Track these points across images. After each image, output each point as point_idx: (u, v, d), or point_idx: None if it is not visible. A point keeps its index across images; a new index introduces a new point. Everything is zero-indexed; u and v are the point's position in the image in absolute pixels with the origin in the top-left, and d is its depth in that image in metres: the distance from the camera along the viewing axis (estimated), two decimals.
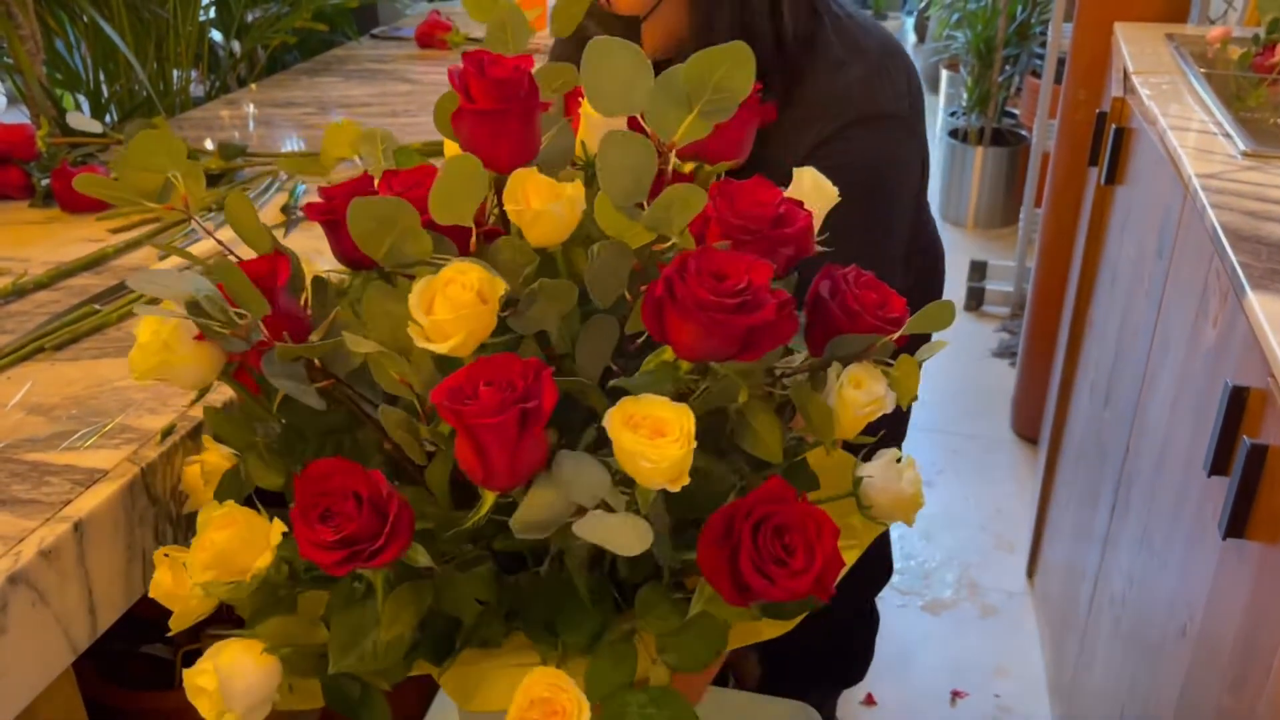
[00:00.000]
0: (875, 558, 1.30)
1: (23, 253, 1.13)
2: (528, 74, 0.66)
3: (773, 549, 0.60)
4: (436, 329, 0.59)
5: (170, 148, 0.69)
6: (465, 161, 0.59)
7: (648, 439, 0.57)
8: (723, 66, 0.59)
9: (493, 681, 0.72)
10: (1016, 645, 1.97)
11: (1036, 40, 3.78)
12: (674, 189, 0.59)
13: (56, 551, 0.70)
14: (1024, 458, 2.53)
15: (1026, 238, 2.99)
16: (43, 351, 0.92)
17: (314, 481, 0.58)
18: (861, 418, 0.68)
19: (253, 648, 0.65)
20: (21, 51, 1.47)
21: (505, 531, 0.71)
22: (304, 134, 1.61)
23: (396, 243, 0.60)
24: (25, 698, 0.68)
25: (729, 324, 0.58)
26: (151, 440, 0.80)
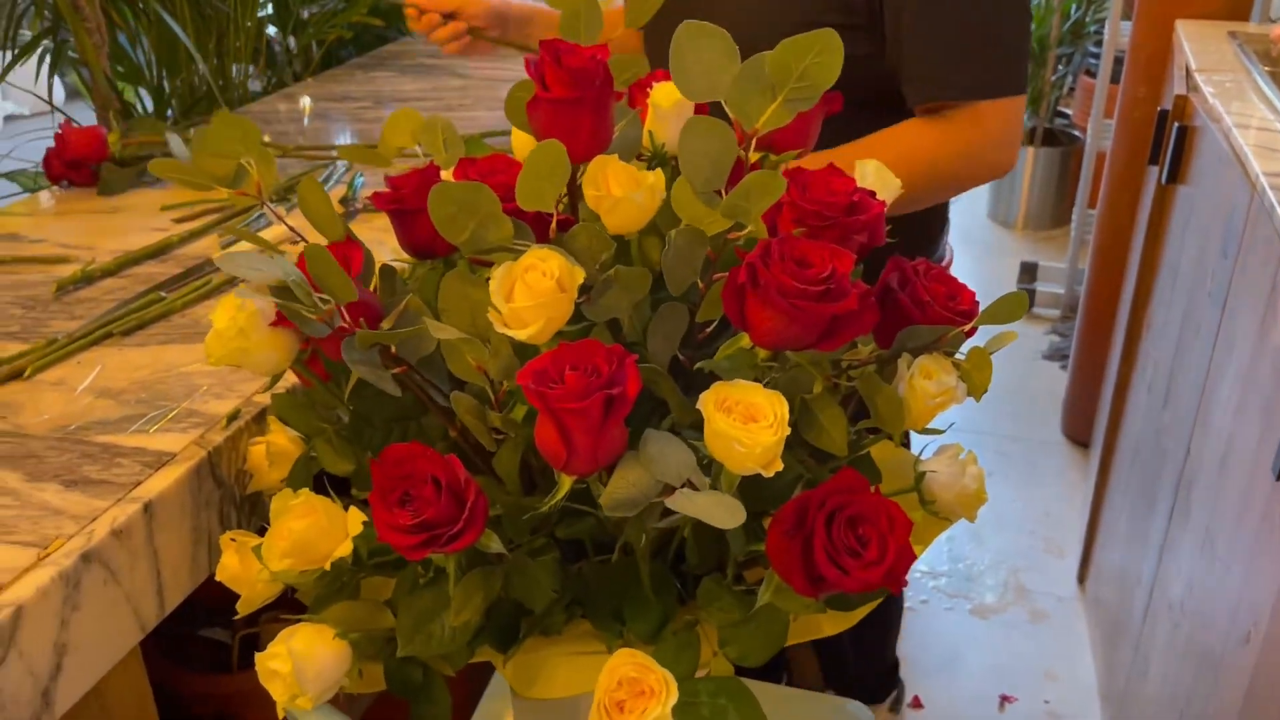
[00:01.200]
0: None
1: (90, 240, 1.15)
2: (603, 63, 0.66)
3: (846, 540, 0.59)
4: (515, 316, 0.59)
5: (245, 133, 0.70)
6: (550, 148, 0.59)
7: (740, 423, 0.57)
8: (810, 54, 0.59)
9: (553, 669, 0.72)
10: (1066, 650, 1.94)
11: (1091, 39, 3.73)
12: (754, 175, 0.58)
13: (128, 531, 0.71)
14: (1074, 461, 2.50)
15: (1079, 239, 2.95)
16: (111, 337, 0.94)
17: (392, 465, 0.59)
18: (932, 408, 0.67)
19: (324, 632, 0.66)
20: (88, 44, 1.49)
21: (568, 519, 0.71)
22: (358, 127, 1.62)
23: (477, 229, 0.60)
24: (97, 673, 0.69)
25: (812, 312, 0.57)
26: (217, 425, 0.81)
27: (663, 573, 0.72)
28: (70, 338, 0.92)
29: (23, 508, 0.71)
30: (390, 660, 0.70)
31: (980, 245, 3.60)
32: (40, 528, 0.69)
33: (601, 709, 0.61)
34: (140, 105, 1.87)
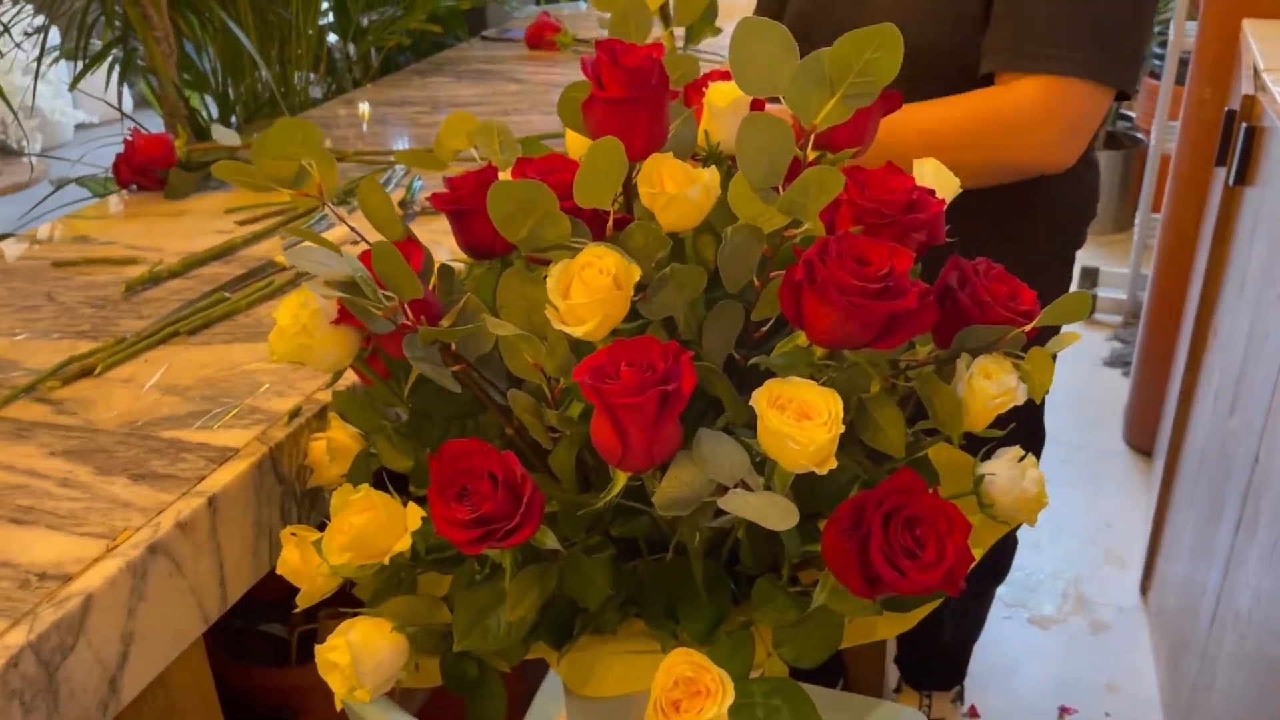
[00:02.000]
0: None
1: (157, 243, 1.18)
2: (659, 63, 0.66)
3: (904, 540, 0.59)
4: (572, 313, 0.60)
5: (306, 136, 0.71)
6: (609, 145, 0.59)
7: (794, 421, 0.57)
8: (870, 49, 0.58)
9: (606, 667, 0.72)
10: (1128, 662, 1.90)
11: (1155, 40, 3.65)
12: (811, 172, 0.58)
13: (192, 524, 0.72)
14: (1136, 469, 2.45)
15: (1142, 243, 2.89)
16: (177, 335, 0.96)
17: (451, 461, 0.59)
18: (992, 409, 0.66)
19: (382, 626, 0.66)
20: (157, 52, 1.53)
21: (622, 517, 0.71)
22: (417, 132, 1.64)
23: (536, 227, 0.61)
24: (162, 662, 0.71)
25: (870, 309, 0.57)
26: (279, 421, 0.82)
27: (717, 573, 0.72)
28: (138, 336, 0.95)
29: (92, 500, 0.73)
30: (446, 655, 0.71)
31: None
32: (109, 519, 0.70)
33: (658, 708, 0.61)
34: (206, 112, 1.91)
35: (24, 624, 0.61)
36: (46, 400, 0.86)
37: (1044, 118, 1.02)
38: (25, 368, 0.91)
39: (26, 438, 0.80)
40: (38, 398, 0.86)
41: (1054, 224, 1.22)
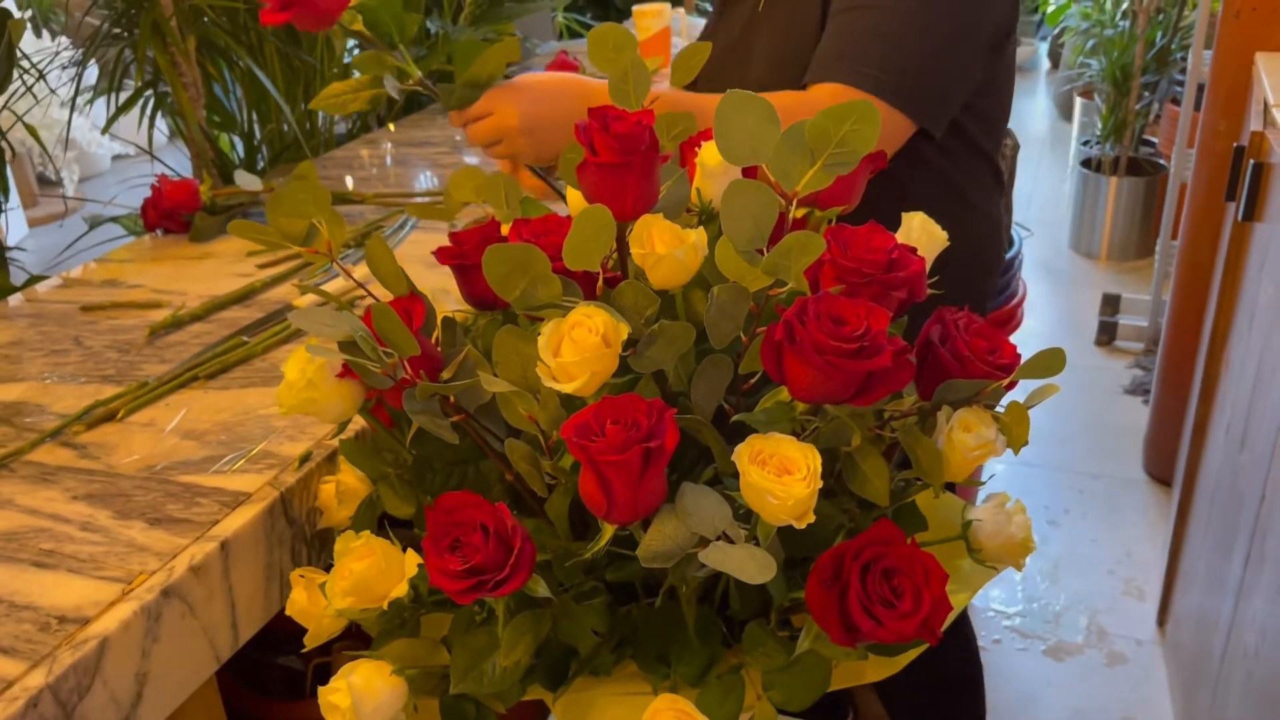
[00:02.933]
0: None
1: (181, 285, 1.22)
2: (649, 129, 0.69)
3: (881, 591, 0.61)
4: (563, 370, 0.62)
5: (316, 196, 0.74)
6: (597, 212, 0.62)
7: (774, 476, 0.59)
8: (848, 122, 0.61)
9: (602, 708, 0.74)
10: (1145, 696, 1.89)
11: (1176, 67, 3.66)
12: (793, 236, 0.61)
13: (205, 568, 0.75)
14: (1156, 500, 2.44)
15: (1163, 271, 2.89)
16: (196, 380, 1.00)
17: (444, 513, 0.62)
18: (971, 460, 0.69)
19: (382, 668, 0.69)
20: (184, 97, 1.58)
21: (617, 563, 0.73)
22: (437, 173, 1.68)
23: (528, 287, 0.64)
24: (175, 700, 0.74)
25: (847, 368, 0.59)
26: (290, 466, 0.85)
27: (708, 617, 0.74)
28: (160, 381, 0.98)
29: (111, 544, 0.76)
30: (445, 696, 0.73)
31: (1062, 276, 3.55)
32: (126, 563, 0.74)
33: None
34: (234, 151, 1.97)
35: (43, 666, 0.64)
36: (71, 444, 0.90)
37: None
38: (53, 412, 0.95)
39: (51, 482, 0.84)
40: (63, 442, 0.90)
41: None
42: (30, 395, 0.98)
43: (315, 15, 0.92)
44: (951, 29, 1.06)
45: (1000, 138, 1.26)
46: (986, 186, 1.25)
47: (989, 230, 1.28)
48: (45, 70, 1.69)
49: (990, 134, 1.21)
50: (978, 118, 1.17)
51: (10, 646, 0.66)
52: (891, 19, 1.04)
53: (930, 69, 1.06)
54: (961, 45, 1.07)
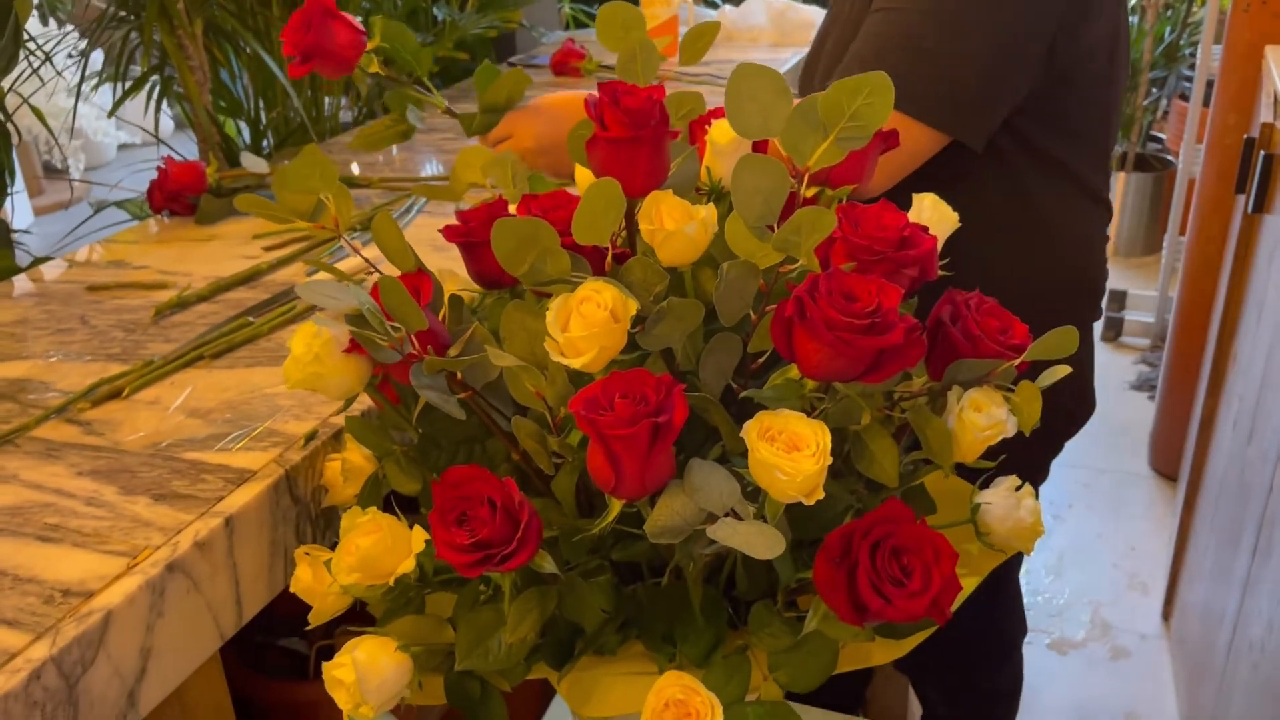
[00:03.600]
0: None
1: (187, 267, 1.21)
2: (659, 104, 0.68)
3: (890, 569, 0.60)
4: (571, 345, 0.62)
5: (324, 172, 0.74)
6: (606, 186, 0.62)
7: (783, 452, 0.59)
8: (862, 95, 0.61)
9: (607, 688, 0.74)
10: (1149, 690, 1.89)
11: (1185, 62, 3.64)
12: (804, 212, 0.60)
13: (210, 544, 0.75)
14: (1162, 495, 2.43)
15: (1170, 267, 2.88)
16: (202, 359, 0.99)
17: (452, 487, 0.62)
18: (981, 441, 0.68)
19: (387, 645, 0.69)
20: (191, 81, 1.58)
21: (623, 542, 0.73)
22: (442, 158, 1.68)
23: (537, 262, 0.63)
24: (179, 676, 0.73)
25: (858, 345, 0.59)
26: (296, 444, 0.85)
27: (715, 597, 0.74)
28: (165, 360, 0.98)
29: (116, 519, 0.76)
30: (450, 674, 0.73)
31: None
32: (131, 538, 0.73)
33: None
34: (240, 137, 1.96)
35: (47, 638, 0.64)
36: (76, 421, 0.89)
37: None
38: (58, 389, 0.95)
39: (57, 458, 0.84)
40: (68, 419, 0.90)
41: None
42: (35, 373, 0.98)
43: (335, 64, 0.98)
44: (986, 32, 1.00)
45: (1096, 151, 1.17)
46: (1074, 204, 1.17)
47: (1080, 253, 1.20)
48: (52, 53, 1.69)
49: (1076, 147, 1.14)
50: (1051, 129, 1.11)
51: (14, 619, 0.66)
52: (921, 22, 1.01)
53: (961, 77, 1.01)
54: (998, 49, 1.01)
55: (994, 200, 1.12)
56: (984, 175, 1.10)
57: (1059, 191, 1.15)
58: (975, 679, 1.50)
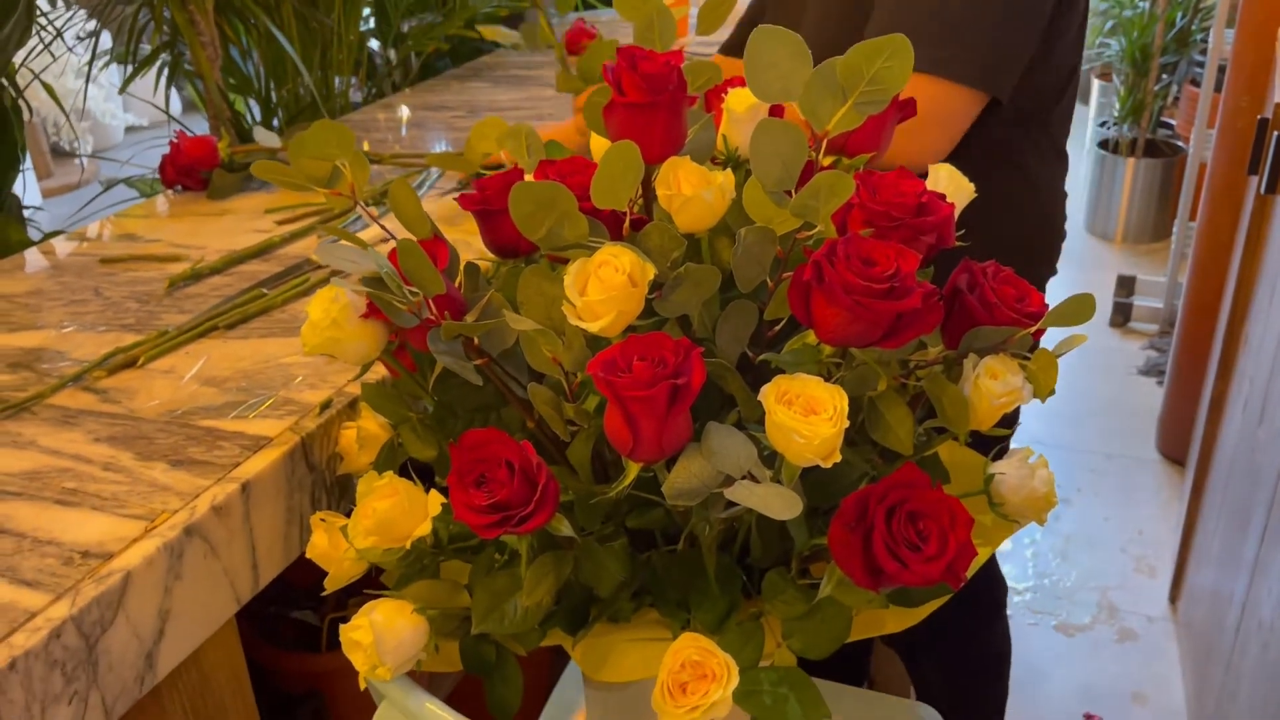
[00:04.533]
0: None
1: (200, 241, 1.22)
2: (677, 69, 0.68)
3: (906, 534, 0.61)
4: (588, 309, 0.62)
5: (340, 138, 0.74)
6: (625, 149, 0.62)
7: (801, 415, 0.59)
8: (881, 58, 0.60)
9: (621, 654, 0.74)
10: (1156, 672, 1.89)
11: (1196, 47, 3.63)
12: (823, 176, 0.60)
13: (227, 509, 0.75)
14: (1169, 479, 2.43)
15: (1180, 252, 2.87)
16: (216, 330, 1.00)
17: (470, 449, 0.62)
18: (997, 408, 0.68)
19: (403, 608, 0.69)
20: (202, 57, 1.58)
21: (639, 509, 0.73)
22: (453, 136, 1.68)
23: (555, 226, 0.63)
24: (197, 639, 0.74)
25: (876, 309, 0.59)
26: (311, 412, 0.85)
27: (729, 565, 0.74)
28: (180, 330, 0.98)
29: (134, 484, 0.76)
30: (466, 638, 0.73)
31: (1076, 259, 3.53)
32: (149, 502, 0.74)
33: (664, 690, 0.63)
34: (249, 115, 1.96)
35: (66, 598, 0.65)
36: (93, 389, 0.90)
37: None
38: (73, 358, 0.95)
39: (74, 424, 0.84)
40: (84, 387, 0.90)
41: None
42: (50, 343, 0.99)
43: None
44: None
45: (1065, 106, 1.21)
46: (1048, 158, 1.21)
47: (1053, 209, 1.24)
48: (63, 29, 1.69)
49: (1052, 103, 1.18)
50: (1036, 84, 1.13)
51: (34, 580, 0.66)
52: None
53: (1001, 39, 1.03)
54: (1020, 6, 1.04)
55: (985, 159, 1.14)
56: (975, 134, 1.11)
57: (1038, 146, 1.19)
58: (967, 643, 1.50)
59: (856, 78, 0.61)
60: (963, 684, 1.54)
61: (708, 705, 0.61)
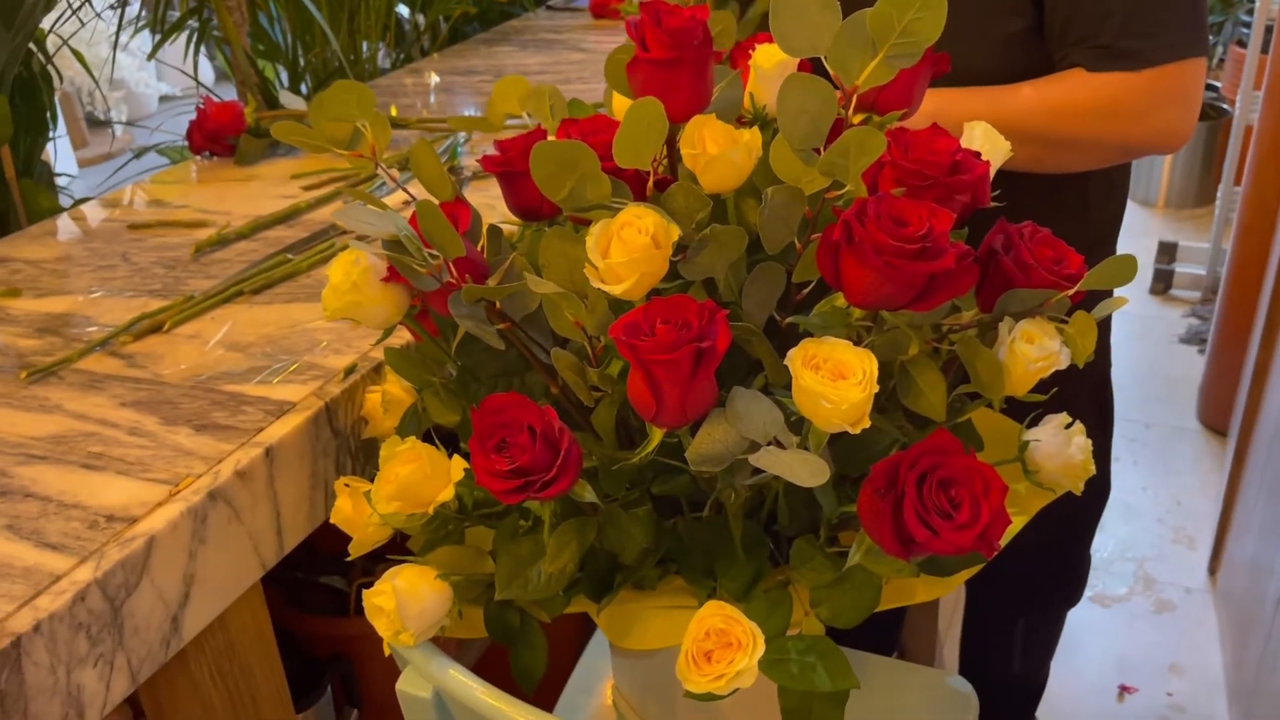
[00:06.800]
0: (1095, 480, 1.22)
1: (225, 206, 1.21)
2: (702, 24, 0.66)
3: (938, 501, 0.59)
4: (611, 272, 0.61)
5: (361, 98, 0.73)
6: (647, 105, 0.60)
7: (829, 380, 0.57)
8: (913, 9, 0.58)
9: (646, 621, 0.74)
10: (1193, 643, 1.87)
11: (1243, 7, 3.53)
12: (852, 132, 0.58)
13: (250, 473, 0.75)
14: (1210, 449, 2.39)
15: (1224, 217, 2.81)
16: (241, 295, 0.99)
17: (491, 414, 0.61)
18: (1033, 373, 0.66)
19: (427, 573, 0.69)
20: (230, 22, 1.57)
21: (663, 475, 0.72)
22: (481, 100, 1.66)
23: (577, 186, 0.62)
24: (221, 603, 0.74)
25: (907, 270, 0.57)
26: (335, 377, 0.85)
27: (755, 532, 0.73)
28: (205, 295, 0.98)
29: (158, 448, 0.76)
30: (489, 605, 0.73)
31: None
32: (173, 467, 0.74)
33: (689, 658, 0.62)
34: (278, 81, 1.96)
35: (91, 561, 0.65)
36: (119, 354, 0.90)
37: (1158, 102, 1.01)
38: (100, 323, 0.95)
39: (100, 389, 0.84)
40: (111, 351, 0.90)
41: (1093, 209, 1.20)
42: (78, 308, 0.99)
43: None
44: None
45: None
46: None
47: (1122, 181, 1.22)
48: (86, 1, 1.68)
49: None
50: None
51: (59, 543, 0.66)
52: None
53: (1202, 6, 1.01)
54: None
55: None
56: None
57: None
58: (1058, 613, 1.51)
59: (887, 29, 0.59)
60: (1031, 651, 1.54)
61: (732, 674, 0.60)
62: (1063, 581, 1.44)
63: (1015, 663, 1.53)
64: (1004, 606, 1.48)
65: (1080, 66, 1.00)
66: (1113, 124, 1.00)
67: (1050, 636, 1.53)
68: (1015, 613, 1.47)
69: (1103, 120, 1.00)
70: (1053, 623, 1.51)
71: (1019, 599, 1.46)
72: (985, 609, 1.51)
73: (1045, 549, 1.38)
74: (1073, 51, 1.00)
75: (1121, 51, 0.98)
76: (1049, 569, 1.40)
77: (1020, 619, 1.48)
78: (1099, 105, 1.00)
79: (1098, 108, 1.00)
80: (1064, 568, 1.42)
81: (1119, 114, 1.00)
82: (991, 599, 1.48)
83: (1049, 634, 1.53)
